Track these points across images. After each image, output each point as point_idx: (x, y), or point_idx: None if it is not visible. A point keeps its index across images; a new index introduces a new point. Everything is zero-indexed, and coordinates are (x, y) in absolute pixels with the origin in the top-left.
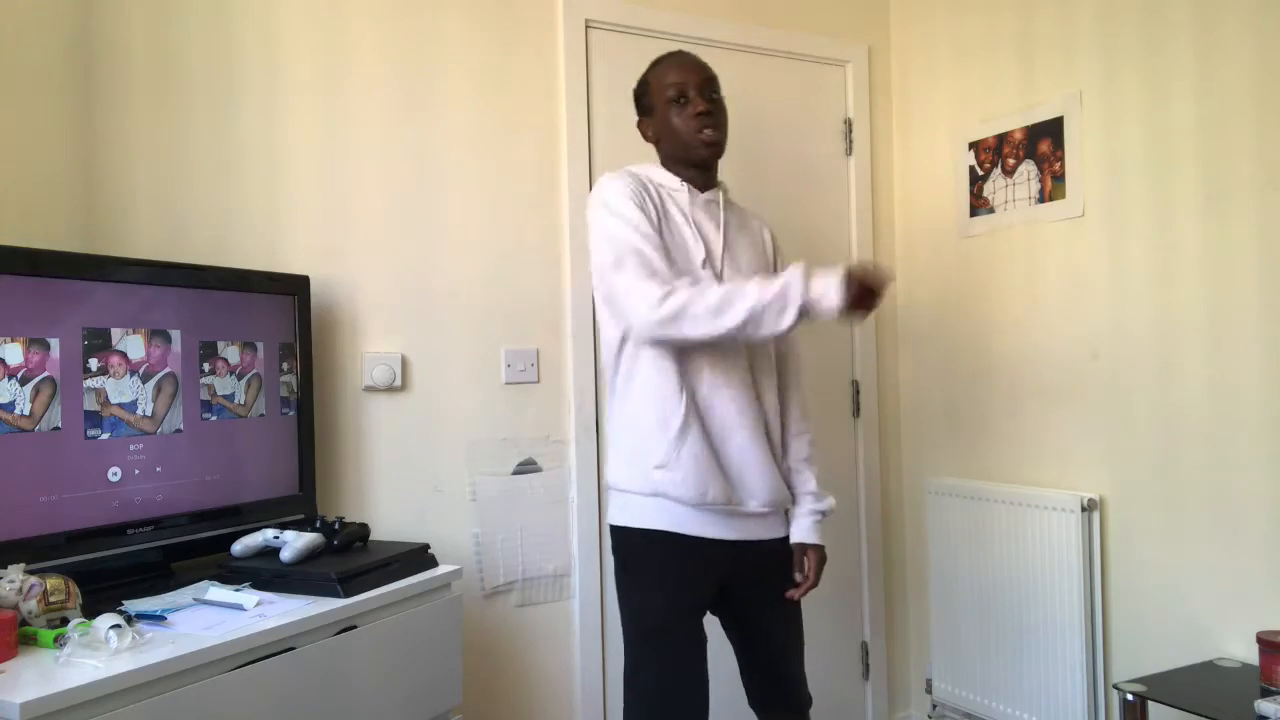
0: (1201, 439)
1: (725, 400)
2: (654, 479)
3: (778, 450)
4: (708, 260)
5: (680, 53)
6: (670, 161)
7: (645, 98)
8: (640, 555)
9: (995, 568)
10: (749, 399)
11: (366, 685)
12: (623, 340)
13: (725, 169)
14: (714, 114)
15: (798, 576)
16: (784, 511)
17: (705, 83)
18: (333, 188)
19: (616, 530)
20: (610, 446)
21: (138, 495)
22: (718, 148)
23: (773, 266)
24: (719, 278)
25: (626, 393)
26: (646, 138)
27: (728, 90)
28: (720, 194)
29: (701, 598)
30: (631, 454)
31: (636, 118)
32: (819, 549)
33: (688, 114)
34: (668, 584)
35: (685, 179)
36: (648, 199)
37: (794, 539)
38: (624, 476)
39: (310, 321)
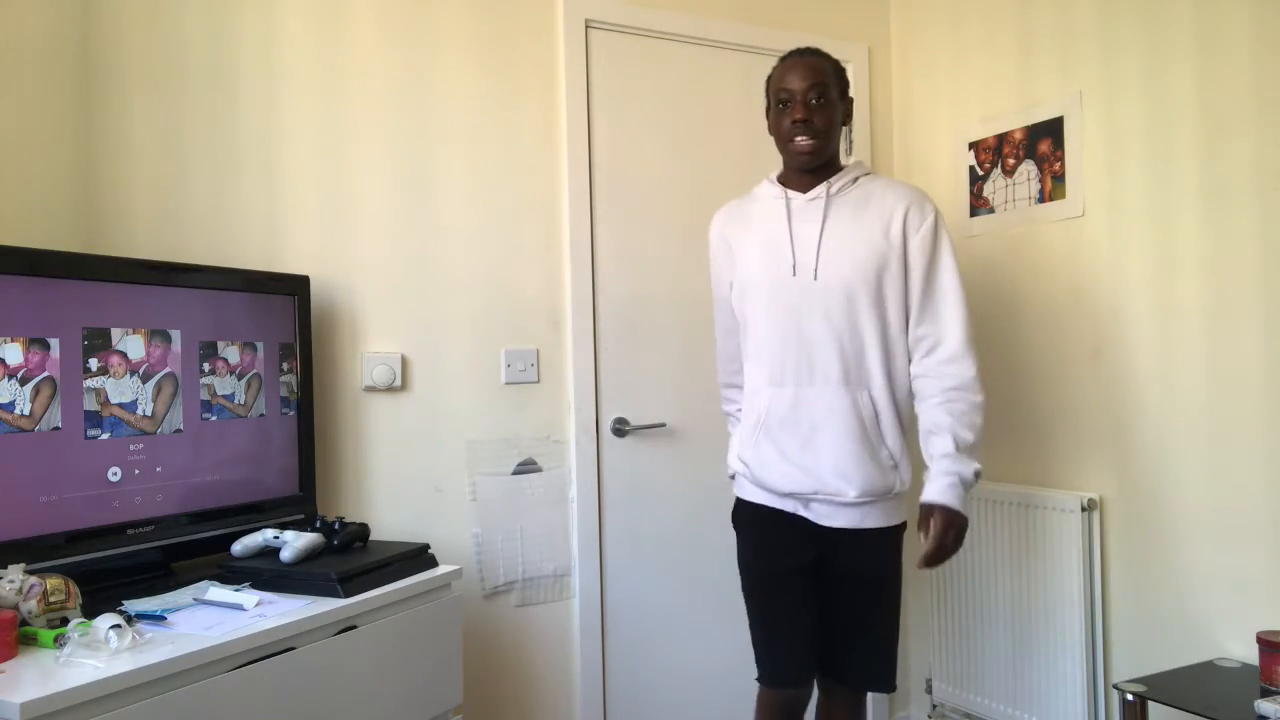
0: (1201, 439)
1: (809, 400)
2: (739, 468)
3: (875, 441)
4: (797, 264)
5: (800, 52)
6: (783, 162)
7: (767, 95)
8: (743, 524)
9: (995, 568)
10: (838, 395)
11: (366, 685)
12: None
13: (726, 168)
14: (810, 121)
15: (920, 539)
16: (894, 499)
17: (812, 88)
18: (333, 188)
19: (735, 501)
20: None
21: (138, 495)
22: (811, 156)
23: (901, 249)
24: (815, 276)
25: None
26: (769, 131)
27: (727, 90)
28: (827, 189)
29: (796, 561)
30: (734, 441)
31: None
32: (946, 510)
33: (786, 119)
34: (761, 549)
35: (791, 183)
36: (725, 237)
37: (923, 499)
38: (729, 461)
39: (310, 321)
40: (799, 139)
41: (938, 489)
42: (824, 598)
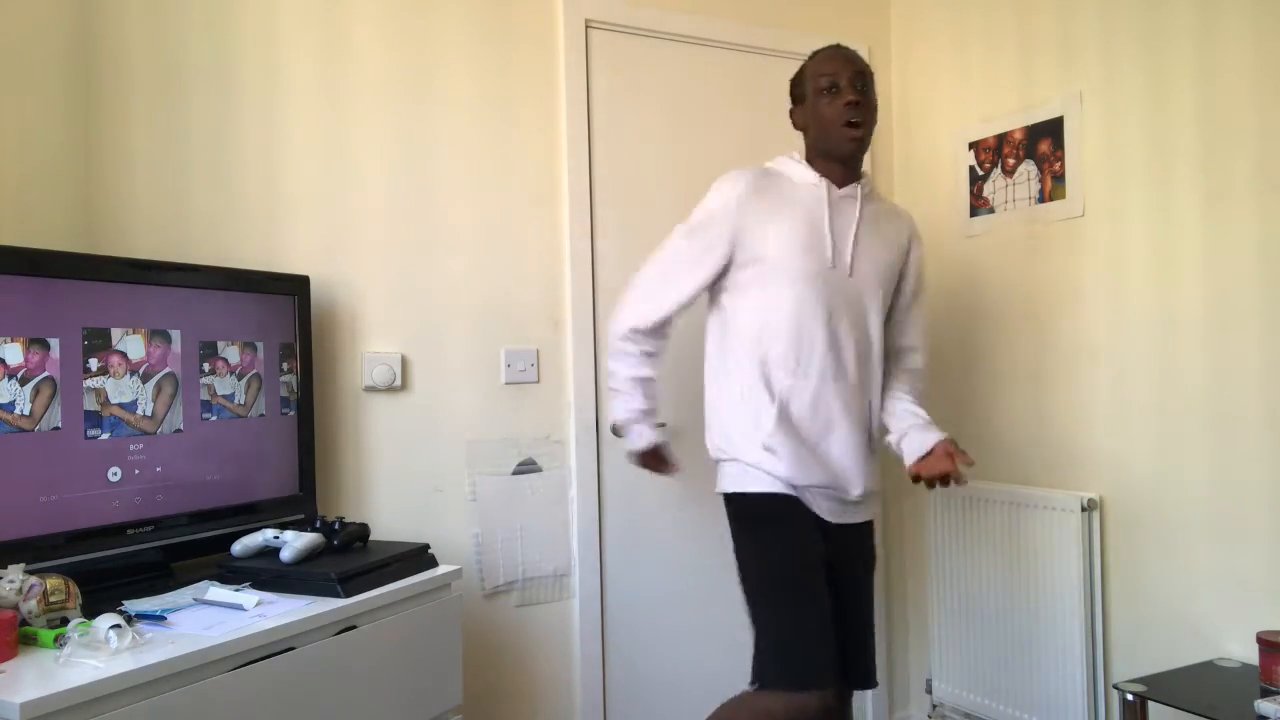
0: (1201, 439)
1: (830, 395)
2: (761, 457)
3: (870, 442)
4: (836, 256)
5: (837, 46)
6: (813, 154)
7: (799, 86)
8: (761, 517)
9: (995, 568)
10: (853, 395)
11: (366, 685)
12: (712, 326)
13: (726, 168)
14: (862, 106)
15: (948, 466)
16: (874, 496)
17: (857, 75)
18: (333, 188)
19: (735, 497)
20: (715, 416)
21: (138, 495)
22: (861, 142)
23: (904, 265)
24: (850, 272)
25: (727, 379)
26: (796, 126)
27: (728, 90)
28: (859, 189)
29: (818, 549)
30: (740, 428)
31: (790, 105)
32: (948, 440)
33: (837, 103)
34: (795, 536)
35: (823, 173)
36: (744, 206)
37: (927, 443)
38: (737, 448)
39: (310, 321)
40: (854, 121)
41: (935, 432)
42: (836, 598)
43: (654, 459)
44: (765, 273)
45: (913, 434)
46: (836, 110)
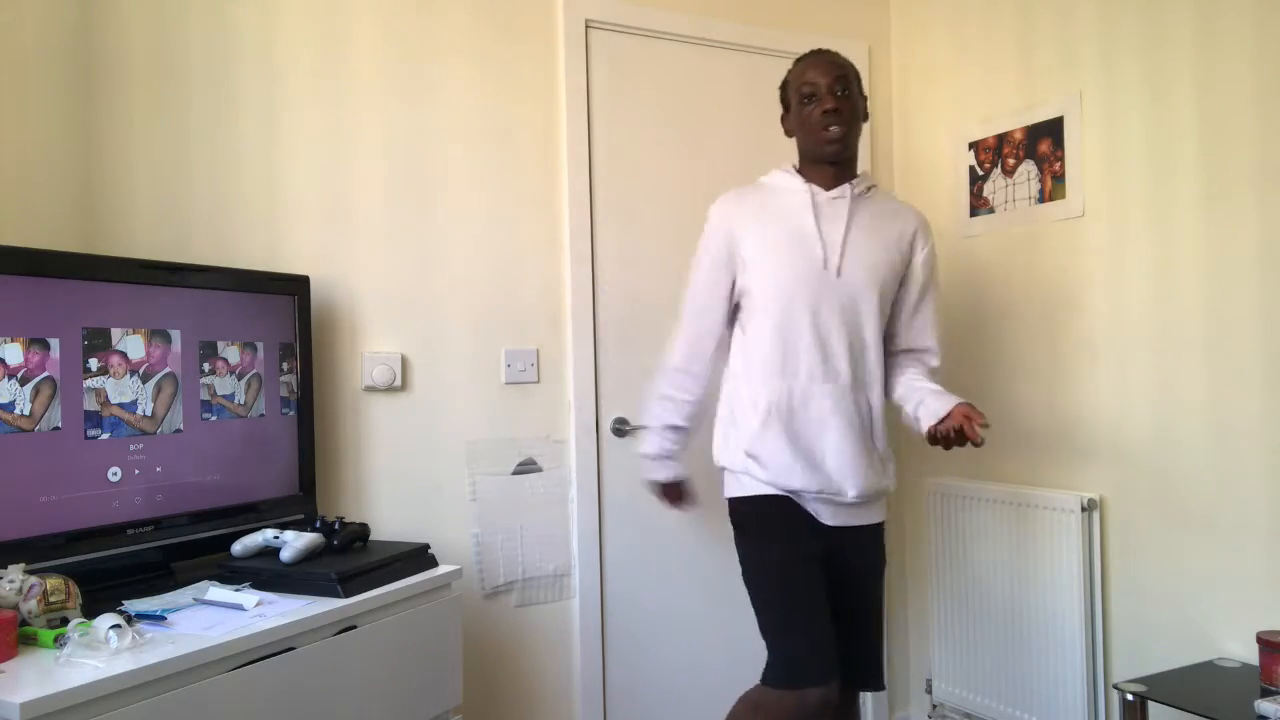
0: (1201, 439)
1: (821, 397)
2: (747, 463)
3: (870, 443)
4: (825, 259)
5: (819, 51)
6: (803, 160)
7: (785, 94)
8: (755, 516)
9: (995, 568)
10: (845, 395)
11: (366, 685)
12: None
13: (726, 168)
14: (840, 111)
15: (964, 428)
16: (884, 498)
17: (838, 80)
18: (333, 188)
19: (733, 501)
20: (717, 424)
21: (138, 495)
22: (842, 144)
23: (907, 263)
24: (840, 273)
25: (726, 378)
26: (787, 133)
27: (728, 90)
28: (851, 190)
29: (812, 546)
30: (728, 435)
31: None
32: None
33: (815, 111)
34: (786, 536)
35: (813, 179)
36: (730, 224)
37: (944, 406)
38: (724, 456)
39: (310, 321)
40: (831, 129)
41: (952, 397)
42: (830, 596)
43: (674, 492)
44: (751, 279)
45: (929, 400)
46: (815, 117)
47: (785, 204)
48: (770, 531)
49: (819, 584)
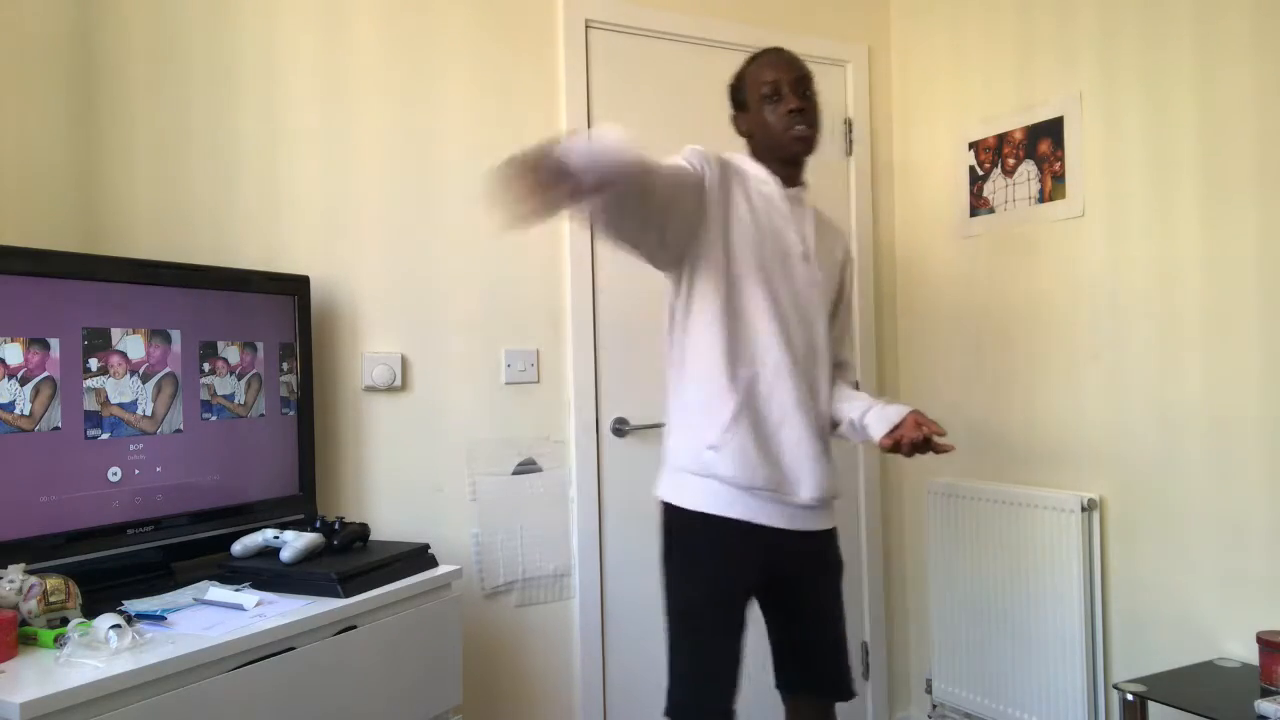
0: (1201, 439)
1: (785, 390)
2: (705, 459)
3: (825, 443)
4: (805, 252)
5: (777, 50)
6: (761, 159)
7: (740, 93)
8: (687, 537)
9: (995, 568)
10: (806, 392)
11: (366, 685)
12: (672, 316)
13: None
14: (806, 111)
15: (932, 442)
16: (832, 503)
17: (799, 80)
18: (333, 188)
19: (668, 507)
20: (669, 423)
21: (138, 495)
22: (809, 143)
23: (841, 277)
24: (804, 270)
25: (682, 376)
26: (740, 132)
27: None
28: (803, 192)
29: (744, 584)
30: (686, 433)
31: (732, 111)
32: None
33: (780, 110)
34: (709, 569)
35: (774, 173)
36: (726, 176)
37: (894, 415)
38: (680, 455)
39: (310, 321)
40: (798, 128)
41: (900, 405)
42: (788, 609)
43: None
44: (718, 259)
45: (876, 409)
46: (781, 117)
47: (761, 193)
48: (694, 570)
49: (740, 619)
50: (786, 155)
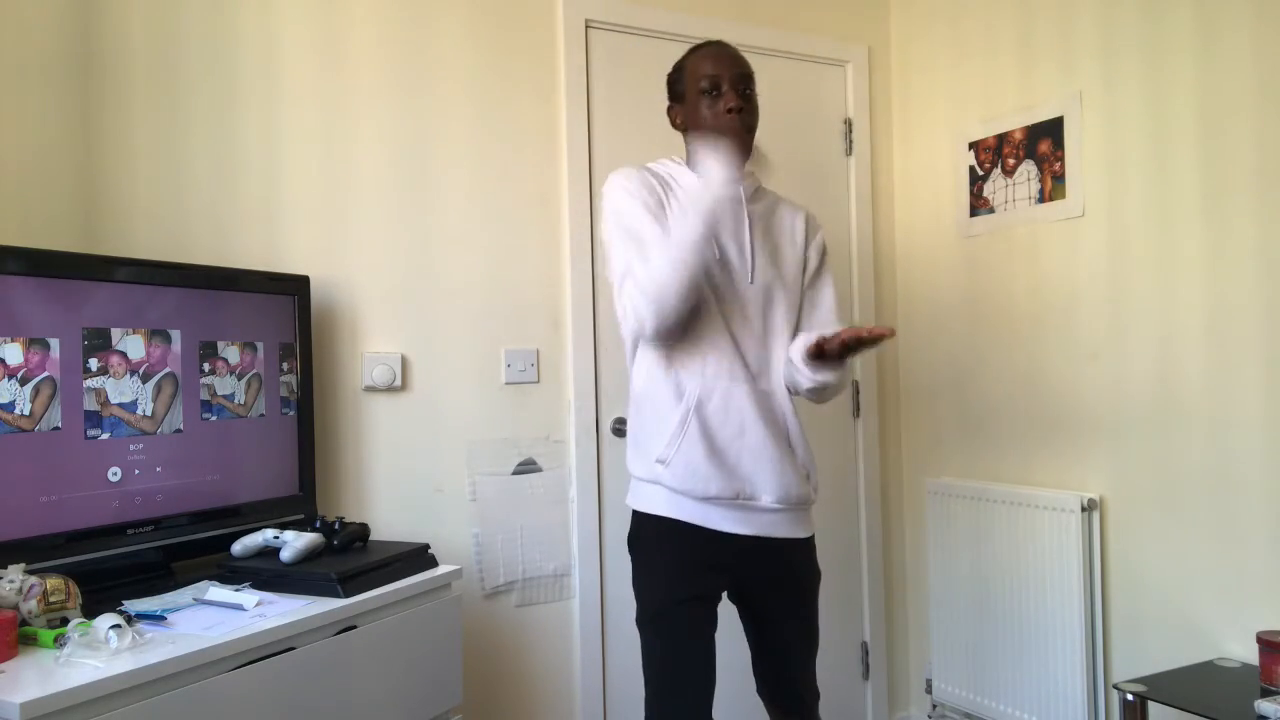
0: (1201, 439)
1: (740, 399)
2: (655, 472)
3: (789, 448)
4: (747, 256)
5: (719, 43)
6: (693, 156)
7: (678, 84)
8: (647, 541)
9: (995, 568)
10: (763, 398)
11: (366, 685)
12: (634, 338)
13: None
14: (745, 112)
15: (841, 336)
16: (807, 510)
17: (740, 78)
18: (333, 188)
19: (633, 514)
20: (628, 433)
21: (138, 495)
22: (745, 144)
23: (803, 255)
24: (751, 277)
25: (635, 391)
26: (675, 125)
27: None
28: (742, 191)
29: (707, 586)
30: (639, 443)
31: (668, 103)
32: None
33: (719, 108)
34: (670, 571)
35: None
36: (655, 189)
37: (805, 343)
38: (634, 465)
39: (310, 321)
40: (735, 127)
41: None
42: (756, 619)
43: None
44: None
45: (804, 335)
46: (718, 115)
47: (685, 202)
48: (653, 574)
49: (703, 619)
50: None
